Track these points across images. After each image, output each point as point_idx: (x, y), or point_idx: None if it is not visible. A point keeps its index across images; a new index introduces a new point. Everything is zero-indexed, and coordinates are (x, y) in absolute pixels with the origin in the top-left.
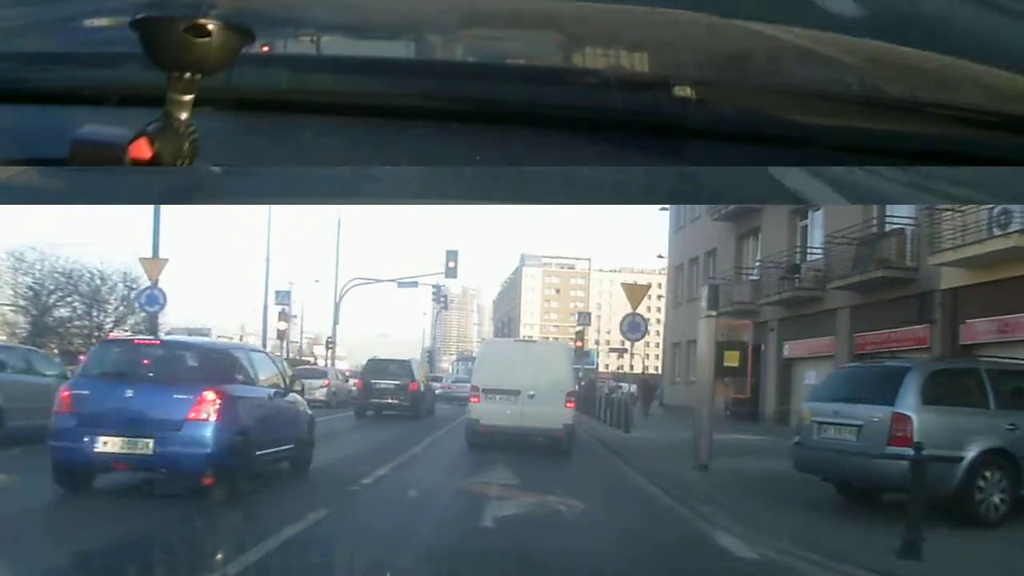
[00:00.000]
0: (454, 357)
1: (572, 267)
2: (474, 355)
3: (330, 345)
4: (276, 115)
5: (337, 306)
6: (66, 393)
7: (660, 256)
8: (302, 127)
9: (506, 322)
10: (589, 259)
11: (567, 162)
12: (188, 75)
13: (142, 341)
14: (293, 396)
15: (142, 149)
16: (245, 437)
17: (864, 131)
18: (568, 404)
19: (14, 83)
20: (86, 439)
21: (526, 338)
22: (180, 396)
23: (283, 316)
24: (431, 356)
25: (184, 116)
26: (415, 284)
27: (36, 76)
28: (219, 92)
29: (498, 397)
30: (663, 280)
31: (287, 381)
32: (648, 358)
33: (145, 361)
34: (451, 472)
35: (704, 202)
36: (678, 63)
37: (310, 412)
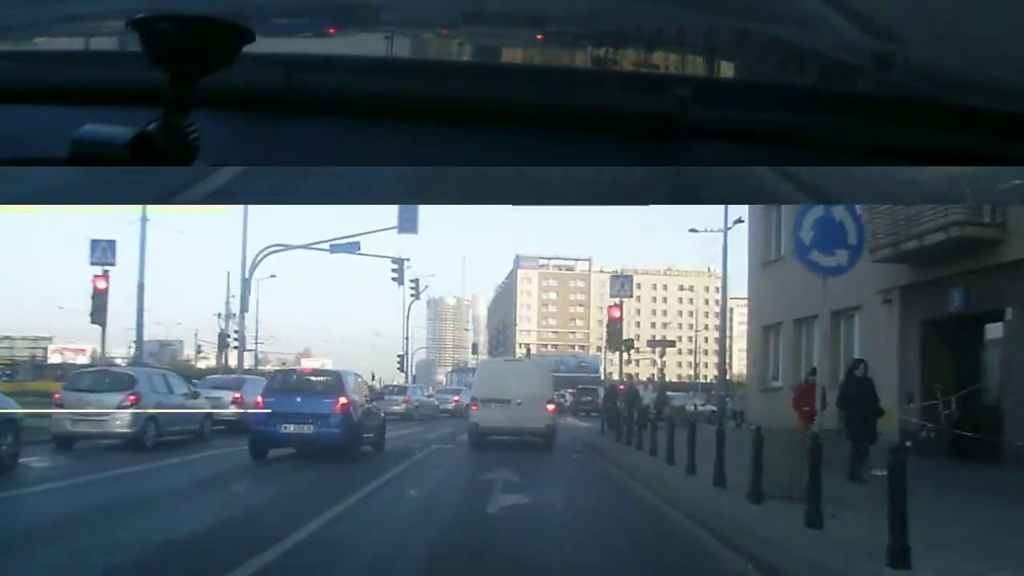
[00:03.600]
0: (449, 368)
1: (571, 268)
2: (469, 366)
3: (232, 342)
4: (276, 115)
5: (246, 284)
6: (260, 400)
7: (693, 229)
8: (302, 127)
9: (500, 329)
10: (589, 259)
11: (567, 162)
12: (188, 75)
13: (302, 370)
14: (375, 403)
15: (142, 149)
16: (358, 425)
17: (864, 131)
18: (549, 409)
19: (14, 83)
20: (276, 426)
21: (516, 357)
22: (327, 400)
23: (103, 277)
24: (403, 363)
25: (184, 116)
26: (355, 247)
27: (36, 76)
28: (219, 92)
29: (493, 405)
30: (684, 281)
31: (372, 392)
32: (651, 364)
33: (305, 380)
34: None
35: (704, 202)
36: (678, 63)
37: (384, 414)
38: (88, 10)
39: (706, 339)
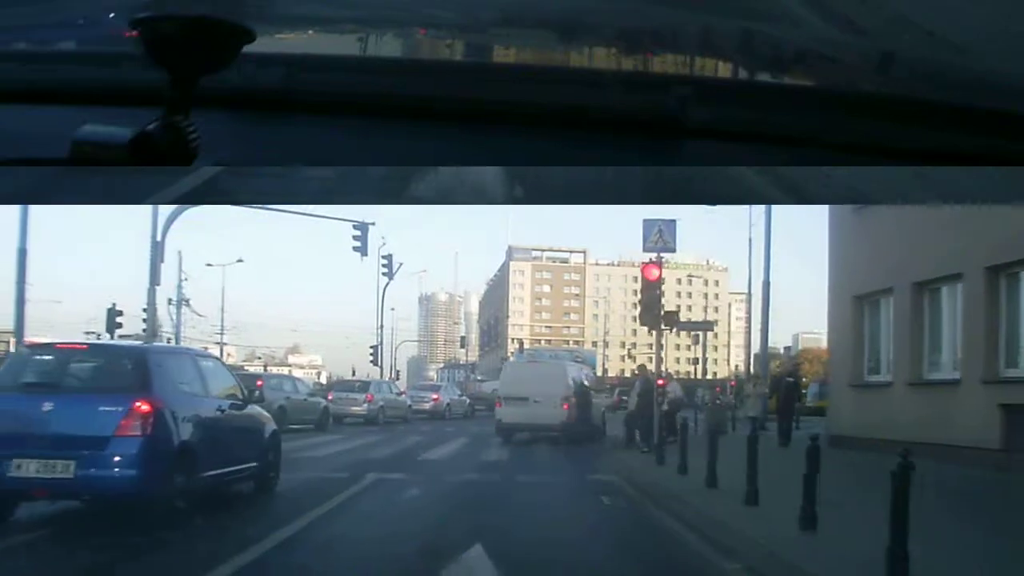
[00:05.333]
0: (441, 365)
1: (565, 260)
2: (460, 363)
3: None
4: (276, 115)
5: (156, 247)
6: None
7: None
8: (302, 127)
9: (492, 324)
10: (584, 251)
11: (567, 162)
12: (188, 75)
13: (65, 345)
14: (254, 409)
15: (142, 149)
16: (187, 455)
17: (864, 131)
18: (564, 406)
19: (14, 83)
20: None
21: (535, 360)
22: (108, 409)
23: None
24: (377, 354)
25: (184, 116)
26: None
27: (36, 76)
28: (219, 92)
29: (514, 402)
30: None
31: (244, 392)
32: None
33: (67, 368)
34: None
35: (704, 202)
36: (678, 63)
37: (275, 426)
38: (88, 10)
39: (705, 334)
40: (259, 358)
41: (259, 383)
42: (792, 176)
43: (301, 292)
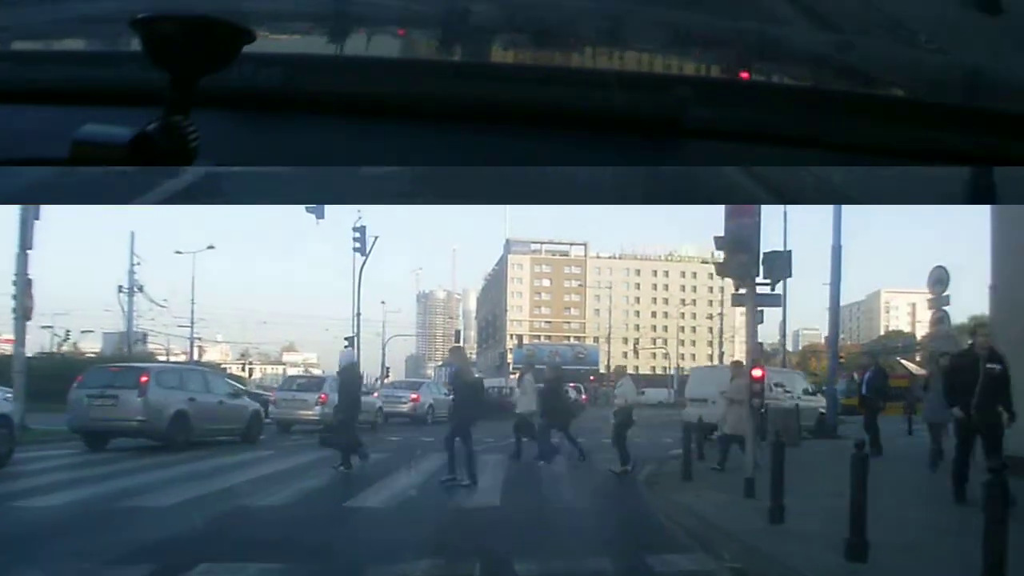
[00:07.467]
0: (439, 362)
1: (566, 253)
2: None
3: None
4: (276, 115)
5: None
6: None
7: None
8: (302, 127)
9: (490, 320)
10: (585, 244)
11: (567, 162)
12: (188, 75)
13: None
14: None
15: (142, 149)
16: None
17: (864, 131)
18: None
19: (14, 83)
20: None
21: (717, 364)
22: None
23: None
24: (353, 347)
25: (184, 116)
26: None
27: (36, 76)
28: (219, 92)
29: (697, 403)
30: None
31: None
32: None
33: None
34: None
35: (704, 202)
36: (678, 63)
37: None
38: (89, 10)
39: (710, 329)
40: (243, 355)
41: (143, 379)
42: (791, 176)
43: (277, 281)
